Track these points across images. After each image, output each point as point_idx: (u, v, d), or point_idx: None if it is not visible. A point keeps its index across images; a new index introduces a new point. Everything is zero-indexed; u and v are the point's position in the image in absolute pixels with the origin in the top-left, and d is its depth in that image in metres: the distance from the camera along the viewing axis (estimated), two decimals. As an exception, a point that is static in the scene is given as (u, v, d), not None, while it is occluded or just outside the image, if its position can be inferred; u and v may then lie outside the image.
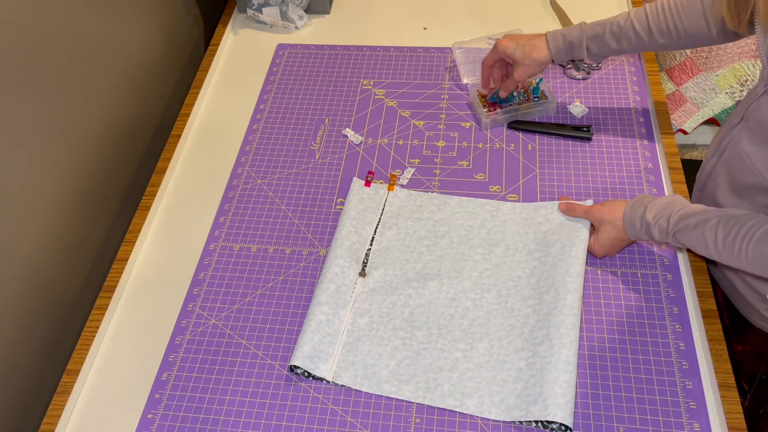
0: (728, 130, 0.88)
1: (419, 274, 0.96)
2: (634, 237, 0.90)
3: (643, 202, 0.88)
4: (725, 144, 0.89)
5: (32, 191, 0.92)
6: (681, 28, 0.96)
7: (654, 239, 0.87)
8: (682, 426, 0.81)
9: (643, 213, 0.87)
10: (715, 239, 0.80)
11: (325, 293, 0.92)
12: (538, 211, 1.00)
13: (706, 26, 0.94)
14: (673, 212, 0.84)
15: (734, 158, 0.86)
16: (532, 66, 1.06)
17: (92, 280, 1.06)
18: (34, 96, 0.91)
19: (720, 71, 1.72)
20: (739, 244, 0.77)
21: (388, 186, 1.07)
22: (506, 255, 0.97)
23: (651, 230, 0.86)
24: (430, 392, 0.85)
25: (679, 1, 0.96)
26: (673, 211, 0.84)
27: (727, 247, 0.79)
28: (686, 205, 0.85)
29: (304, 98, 1.24)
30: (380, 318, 0.92)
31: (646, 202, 0.88)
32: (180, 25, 1.34)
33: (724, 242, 0.79)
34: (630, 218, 0.89)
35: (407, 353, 0.88)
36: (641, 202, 0.88)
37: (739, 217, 0.79)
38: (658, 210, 0.86)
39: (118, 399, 0.89)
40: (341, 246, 0.97)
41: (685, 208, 0.84)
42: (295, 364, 0.86)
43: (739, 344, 0.98)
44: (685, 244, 0.84)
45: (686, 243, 0.84)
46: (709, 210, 0.83)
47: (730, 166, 0.87)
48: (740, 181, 0.85)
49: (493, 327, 0.89)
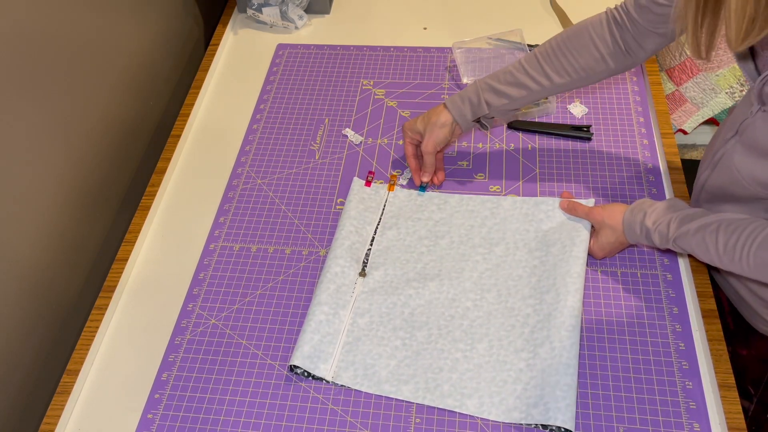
0: (722, 143, 0.86)
1: (419, 274, 0.96)
2: (634, 241, 0.90)
3: (642, 207, 0.88)
4: (718, 157, 0.87)
5: (32, 191, 0.92)
6: (576, 63, 0.93)
7: (654, 244, 0.87)
8: (682, 426, 0.81)
9: (642, 219, 0.87)
10: (716, 245, 0.79)
11: (325, 293, 0.92)
12: (539, 207, 1.00)
13: (600, 56, 0.93)
14: (673, 218, 0.84)
15: (726, 171, 0.85)
16: (435, 130, 0.99)
17: (92, 280, 1.06)
18: (35, 96, 0.91)
19: (720, 71, 1.72)
20: (740, 250, 0.77)
21: (388, 186, 1.07)
22: (506, 254, 0.96)
23: (651, 236, 0.86)
24: (429, 392, 0.85)
25: (566, 38, 0.94)
26: (672, 217, 0.84)
27: (728, 252, 0.78)
28: (686, 209, 0.85)
29: (304, 98, 1.24)
30: (380, 318, 0.92)
31: (645, 207, 0.87)
32: (180, 25, 1.34)
33: (725, 248, 0.78)
34: (630, 223, 0.88)
35: (407, 353, 0.88)
36: (641, 207, 0.88)
37: (739, 222, 0.78)
38: (657, 215, 0.86)
39: (118, 399, 0.89)
40: (341, 246, 0.97)
41: (684, 212, 0.84)
42: (295, 364, 0.86)
43: (744, 349, 0.98)
44: (685, 250, 0.84)
45: (687, 248, 0.83)
46: (709, 215, 0.82)
47: (723, 179, 0.86)
48: (734, 193, 0.85)
49: (493, 327, 0.89)
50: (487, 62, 1.25)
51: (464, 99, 0.99)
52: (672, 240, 0.84)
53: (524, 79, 0.95)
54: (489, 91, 0.97)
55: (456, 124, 1.00)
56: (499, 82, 0.97)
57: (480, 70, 1.23)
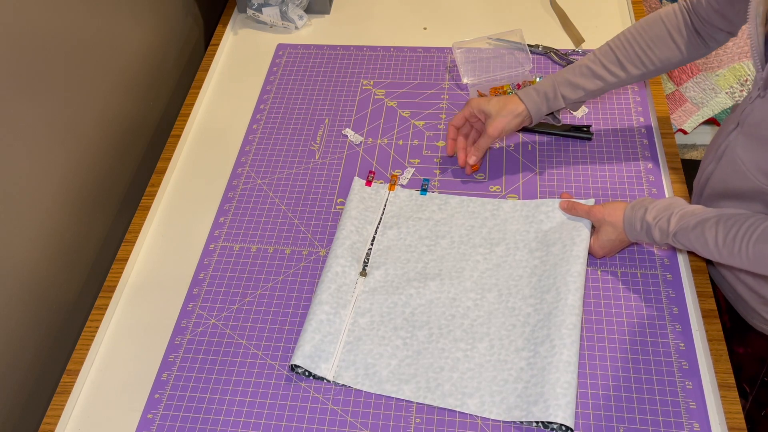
0: (725, 135, 0.88)
1: (420, 273, 0.96)
2: (634, 239, 0.90)
3: (643, 204, 0.88)
4: (722, 150, 0.88)
5: (32, 191, 0.92)
6: (652, 55, 0.96)
7: (654, 241, 0.87)
8: (682, 426, 0.81)
9: (643, 215, 0.87)
10: (715, 238, 0.80)
11: (326, 292, 0.92)
12: (539, 209, 1.00)
13: (675, 47, 0.95)
14: (673, 213, 0.85)
15: (730, 164, 0.86)
16: (508, 117, 0.99)
17: (92, 280, 1.06)
18: (34, 96, 0.91)
19: (720, 71, 1.72)
20: (739, 243, 0.77)
21: (389, 185, 1.07)
22: (507, 254, 0.97)
23: (651, 231, 0.86)
24: (430, 392, 0.85)
25: (640, 29, 0.96)
26: (673, 212, 0.85)
27: (727, 245, 0.79)
28: (686, 206, 0.85)
29: (304, 98, 1.24)
30: (381, 318, 0.92)
31: (646, 204, 0.88)
32: (180, 25, 1.34)
33: (724, 241, 0.79)
34: (630, 220, 0.89)
35: (408, 353, 0.88)
36: (641, 204, 0.89)
37: (738, 216, 0.79)
38: (658, 211, 0.86)
39: (118, 399, 0.89)
40: (342, 245, 0.97)
41: (684, 208, 0.85)
42: (296, 363, 0.86)
43: (740, 347, 0.98)
44: (685, 245, 0.85)
45: (686, 243, 0.84)
46: (708, 210, 0.83)
47: (727, 172, 0.87)
48: (737, 187, 0.86)
49: (494, 327, 0.89)
50: (487, 62, 1.25)
51: (539, 92, 1.00)
52: (672, 234, 0.84)
53: (601, 72, 0.97)
54: (565, 84, 0.99)
55: (528, 116, 1.01)
56: (575, 75, 0.98)
57: (480, 70, 1.23)
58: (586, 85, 0.98)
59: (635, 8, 1.33)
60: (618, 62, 0.97)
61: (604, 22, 1.32)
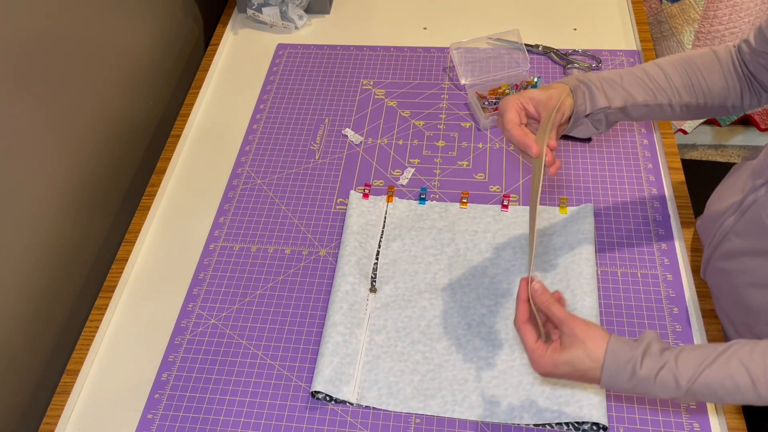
0: (751, 189, 0.78)
1: (430, 284, 0.94)
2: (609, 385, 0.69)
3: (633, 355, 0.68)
4: (747, 204, 0.79)
5: (32, 191, 0.92)
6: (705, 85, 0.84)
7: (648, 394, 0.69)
8: (682, 426, 0.81)
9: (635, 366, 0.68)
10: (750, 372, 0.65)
11: (339, 313, 0.90)
12: (540, 215, 1.00)
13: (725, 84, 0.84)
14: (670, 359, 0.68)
15: (756, 222, 0.77)
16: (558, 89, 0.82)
17: (92, 280, 1.06)
18: (34, 96, 0.91)
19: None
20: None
21: (386, 197, 1.06)
22: (515, 258, 0.96)
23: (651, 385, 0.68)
24: (458, 405, 0.83)
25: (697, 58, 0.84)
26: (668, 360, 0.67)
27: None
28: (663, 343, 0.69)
29: (304, 98, 1.24)
30: (397, 333, 0.90)
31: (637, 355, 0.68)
32: (180, 25, 1.34)
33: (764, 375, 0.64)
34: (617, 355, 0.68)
35: (429, 367, 0.86)
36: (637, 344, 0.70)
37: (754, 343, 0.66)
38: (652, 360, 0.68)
39: (118, 399, 0.89)
40: (348, 263, 0.95)
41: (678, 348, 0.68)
42: (317, 389, 0.84)
43: None
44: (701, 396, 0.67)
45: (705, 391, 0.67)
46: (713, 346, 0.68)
47: (753, 230, 0.78)
48: (763, 246, 0.77)
49: (512, 331, 0.88)
50: (485, 63, 1.25)
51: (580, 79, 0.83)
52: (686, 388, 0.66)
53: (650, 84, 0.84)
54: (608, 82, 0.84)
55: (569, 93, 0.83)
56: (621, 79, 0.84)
57: (478, 70, 1.23)
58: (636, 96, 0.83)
59: (635, 8, 1.33)
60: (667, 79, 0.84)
61: (604, 23, 1.32)
